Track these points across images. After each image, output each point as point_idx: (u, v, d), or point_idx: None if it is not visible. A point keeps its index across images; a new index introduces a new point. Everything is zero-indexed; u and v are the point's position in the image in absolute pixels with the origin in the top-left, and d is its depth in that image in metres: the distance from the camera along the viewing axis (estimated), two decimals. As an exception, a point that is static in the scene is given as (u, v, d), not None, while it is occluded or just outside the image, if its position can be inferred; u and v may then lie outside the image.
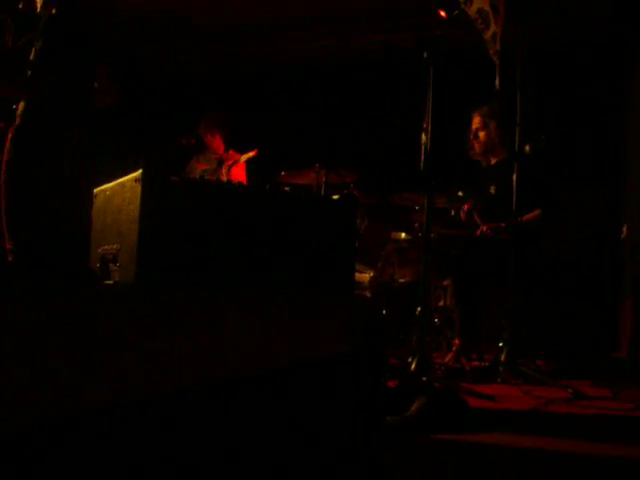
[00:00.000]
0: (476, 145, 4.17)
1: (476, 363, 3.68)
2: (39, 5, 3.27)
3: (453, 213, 4.17)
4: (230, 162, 5.42)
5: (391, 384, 2.45)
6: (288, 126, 6.67)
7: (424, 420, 2.11)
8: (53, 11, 3.21)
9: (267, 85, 7.06)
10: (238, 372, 1.07)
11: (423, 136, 3.22)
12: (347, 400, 1.44)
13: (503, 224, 3.71)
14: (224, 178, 5.17)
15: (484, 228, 3.84)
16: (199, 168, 5.55)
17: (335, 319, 1.46)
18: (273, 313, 1.20)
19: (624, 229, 5.04)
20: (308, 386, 1.30)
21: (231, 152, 5.58)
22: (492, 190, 4.09)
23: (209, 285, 1.43)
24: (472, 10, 3.47)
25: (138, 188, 1.42)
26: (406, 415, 2.11)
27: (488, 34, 3.47)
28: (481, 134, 4.13)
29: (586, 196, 5.44)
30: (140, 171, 1.43)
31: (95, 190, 1.82)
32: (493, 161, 4.21)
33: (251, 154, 5.26)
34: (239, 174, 5.44)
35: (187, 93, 7.27)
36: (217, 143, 5.60)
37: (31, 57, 3.20)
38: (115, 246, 1.52)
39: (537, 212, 3.78)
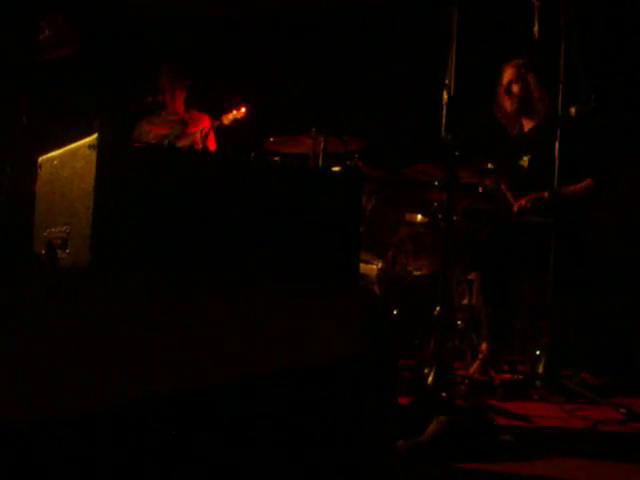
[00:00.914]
0: (507, 103, 4.15)
1: (508, 375, 3.69)
2: None
3: (482, 190, 4.16)
4: (202, 126, 5.30)
5: (404, 401, 2.46)
6: (279, 82, 6.63)
7: (443, 445, 2.11)
8: None
9: (253, 33, 7.00)
10: (212, 380, 1.07)
11: (444, 94, 3.19)
12: (345, 415, 1.43)
13: (546, 194, 3.67)
14: (199, 147, 5.07)
15: (523, 201, 3.83)
16: (153, 132, 5.38)
17: (333, 316, 1.45)
18: (255, 308, 1.19)
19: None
20: (293, 399, 1.29)
21: (193, 113, 5.47)
22: (525, 162, 4.08)
23: (178, 274, 1.43)
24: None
25: (93, 156, 1.41)
26: (421, 439, 2.11)
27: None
28: (515, 88, 4.10)
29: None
30: (95, 136, 1.42)
31: (39, 159, 1.80)
32: (527, 126, 4.19)
33: (241, 113, 5.11)
34: (210, 140, 5.34)
35: (154, 43, 7.22)
36: (179, 102, 5.49)
37: None
38: (64, 228, 1.51)
39: (588, 182, 3.78)
